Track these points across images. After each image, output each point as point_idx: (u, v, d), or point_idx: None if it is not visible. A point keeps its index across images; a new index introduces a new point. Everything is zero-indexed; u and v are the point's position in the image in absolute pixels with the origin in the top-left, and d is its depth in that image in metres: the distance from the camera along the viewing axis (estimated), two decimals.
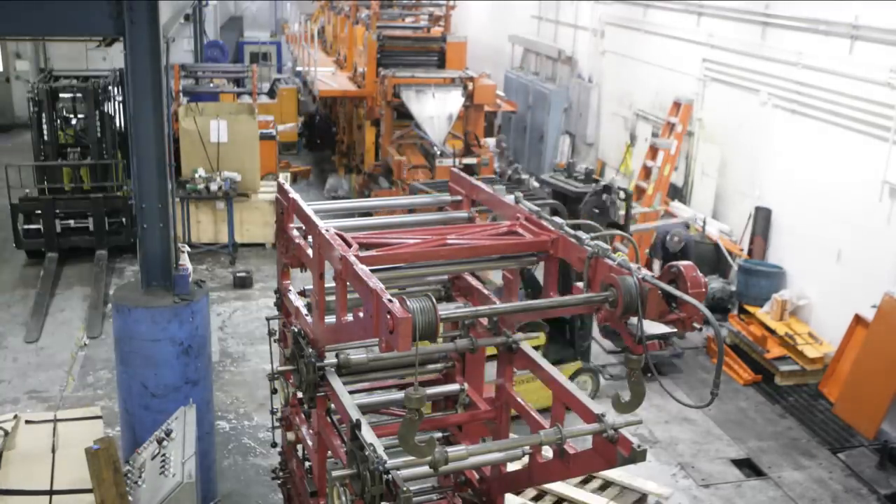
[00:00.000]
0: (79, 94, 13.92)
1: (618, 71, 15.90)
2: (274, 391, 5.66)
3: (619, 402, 4.15)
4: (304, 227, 5.07)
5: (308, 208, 4.93)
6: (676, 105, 13.47)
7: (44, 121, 13.43)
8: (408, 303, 3.44)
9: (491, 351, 5.07)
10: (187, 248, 7.13)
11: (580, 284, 4.31)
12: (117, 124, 13.90)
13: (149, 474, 6.02)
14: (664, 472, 8.38)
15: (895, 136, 9.21)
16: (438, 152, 14.17)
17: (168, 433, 6.23)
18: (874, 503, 8.09)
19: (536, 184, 12.21)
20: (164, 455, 6.03)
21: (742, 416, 9.54)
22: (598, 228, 4.58)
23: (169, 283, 6.77)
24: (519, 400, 4.96)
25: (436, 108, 13.71)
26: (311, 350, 4.72)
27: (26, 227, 13.04)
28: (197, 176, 13.56)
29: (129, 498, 5.83)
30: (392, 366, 5.16)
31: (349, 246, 4.20)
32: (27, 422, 7.02)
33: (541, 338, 7.20)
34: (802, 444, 9.03)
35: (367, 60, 15.91)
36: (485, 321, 4.94)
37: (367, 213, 7.72)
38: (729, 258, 11.89)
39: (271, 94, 20.39)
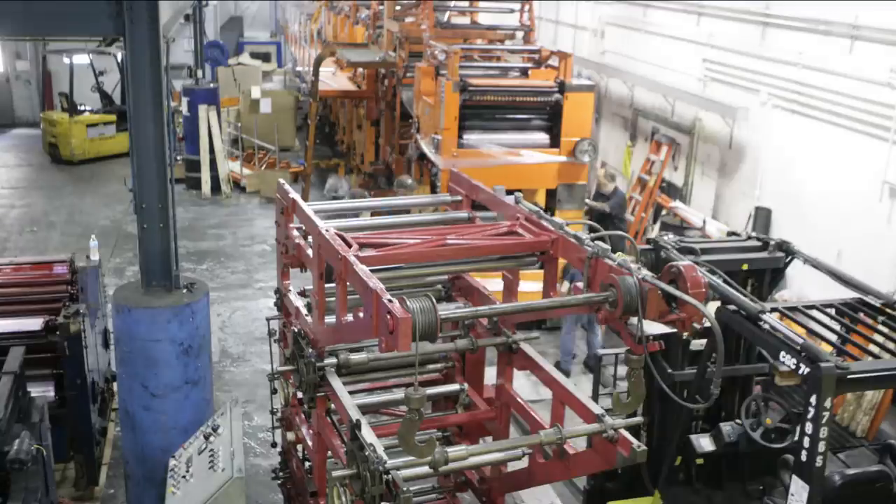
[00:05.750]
0: None
1: (618, 71, 15.88)
2: (274, 391, 5.66)
3: (619, 402, 4.15)
4: (304, 227, 5.07)
5: (308, 208, 4.93)
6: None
7: None
8: (408, 303, 3.44)
9: None
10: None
11: (580, 285, 4.31)
12: None
13: (196, 469, 6.07)
14: None
15: (895, 136, 9.22)
16: None
17: (215, 429, 6.28)
18: None
19: None
20: (211, 450, 6.08)
21: None
22: (599, 228, 4.58)
23: (169, 283, 6.77)
24: (519, 400, 4.96)
25: None
26: (311, 350, 4.72)
27: None
28: None
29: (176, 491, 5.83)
30: (392, 366, 5.16)
31: (349, 246, 4.20)
32: None
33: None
34: None
35: None
36: (485, 321, 4.94)
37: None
38: None
39: None
